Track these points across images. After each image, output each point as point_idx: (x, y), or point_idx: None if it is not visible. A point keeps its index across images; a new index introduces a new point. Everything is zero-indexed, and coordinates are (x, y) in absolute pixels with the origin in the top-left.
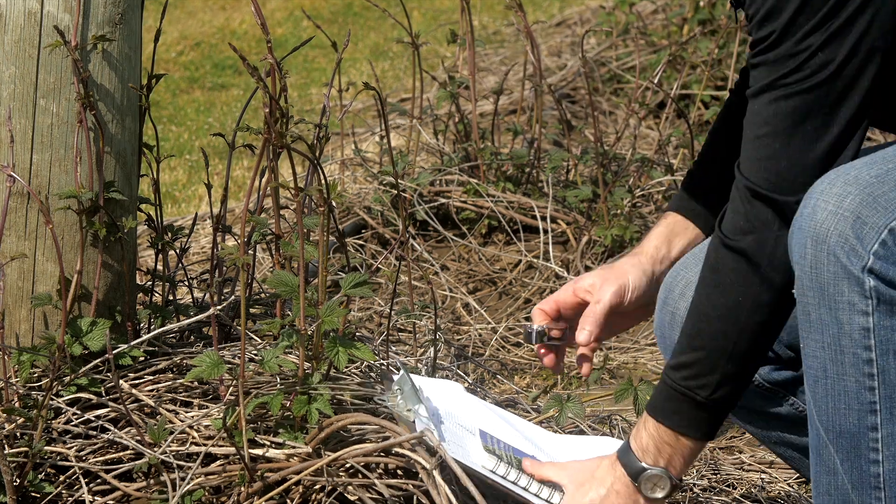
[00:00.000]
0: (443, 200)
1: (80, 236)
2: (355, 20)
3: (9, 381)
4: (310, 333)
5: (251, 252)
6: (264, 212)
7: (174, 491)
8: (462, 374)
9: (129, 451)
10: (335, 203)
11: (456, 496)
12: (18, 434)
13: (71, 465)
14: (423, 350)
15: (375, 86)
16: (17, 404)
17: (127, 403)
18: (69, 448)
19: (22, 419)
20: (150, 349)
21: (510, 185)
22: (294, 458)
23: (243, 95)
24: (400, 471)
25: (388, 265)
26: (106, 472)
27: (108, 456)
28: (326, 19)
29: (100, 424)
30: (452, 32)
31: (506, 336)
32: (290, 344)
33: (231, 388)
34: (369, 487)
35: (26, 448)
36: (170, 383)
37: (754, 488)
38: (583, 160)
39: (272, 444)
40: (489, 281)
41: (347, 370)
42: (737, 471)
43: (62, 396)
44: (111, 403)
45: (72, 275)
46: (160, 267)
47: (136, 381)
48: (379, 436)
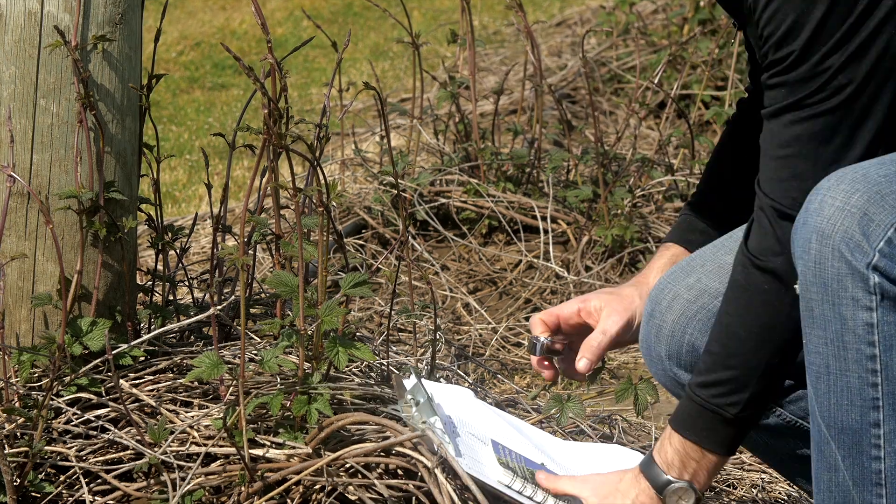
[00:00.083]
0: (443, 200)
1: (80, 236)
2: (355, 20)
3: (9, 381)
4: (310, 333)
5: (251, 252)
6: (264, 212)
7: (174, 491)
8: (462, 374)
9: (130, 451)
10: (335, 203)
11: (458, 495)
12: (18, 434)
13: (71, 465)
14: (423, 350)
15: (375, 86)
16: (18, 404)
17: (127, 403)
18: (69, 448)
19: (22, 419)
20: (151, 349)
21: (510, 185)
22: (294, 458)
23: (243, 95)
24: (400, 471)
25: (388, 265)
26: (106, 472)
27: (109, 456)
28: (326, 19)
29: (100, 424)
30: (452, 32)
31: (506, 336)
32: (290, 344)
33: (231, 388)
34: (369, 487)
35: (26, 448)
36: (170, 383)
37: (754, 488)
38: (583, 160)
39: (272, 444)
40: (489, 281)
41: (347, 370)
42: (737, 471)
43: (62, 396)
44: (111, 403)
45: (72, 275)
46: (160, 267)
47: (137, 381)
48: (379, 435)
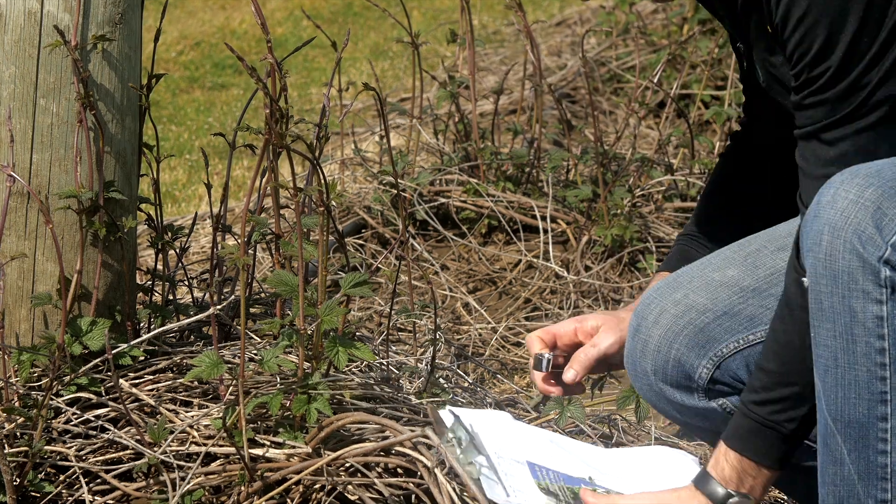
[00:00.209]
0: (443, 200)
1: (80, 236)
2: (355, 20)
3: (9, 381)
4: (309, 333)
5: (251, 252)
6: (264, 211)
7: (174, 491)
8: (462, 374)
9: (129, 451)
10: (335, 203)
11: (457, 494)
12: (18, 434)
13: (71, 465)
14: (423, 350)
15: (375, 85)
16: (17, 404)
17: (127, 403)
18: (69, 448)
19: (22, 419)
20: (150, 349)
21: (510, 185)
22: (294, 458)
23: (243, 95)
24: (400, 470)
25: (388, 265)
26: (106, 472)
27: (108, 456)
28: (326, 19)
29: (100, 424)
30: (452, 32)
31: (506, 336)
32: (290, 344)
33: (231, 388)
34: (369, 487)
35: (26, 448)
36: (170, 383)
37: None
38: (583, 160)
39: (272, 444)
40: (489, 281)
41: (347, 369)
42: None
43: (62, 396)
44: (111, 403)
45: (72, 274)
46: (160, 267)
47: (136, 381)
48: (379, 435)
